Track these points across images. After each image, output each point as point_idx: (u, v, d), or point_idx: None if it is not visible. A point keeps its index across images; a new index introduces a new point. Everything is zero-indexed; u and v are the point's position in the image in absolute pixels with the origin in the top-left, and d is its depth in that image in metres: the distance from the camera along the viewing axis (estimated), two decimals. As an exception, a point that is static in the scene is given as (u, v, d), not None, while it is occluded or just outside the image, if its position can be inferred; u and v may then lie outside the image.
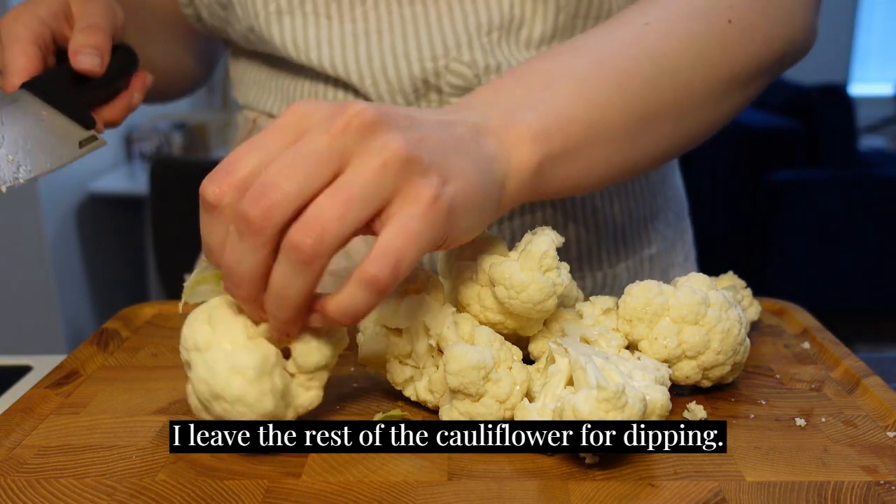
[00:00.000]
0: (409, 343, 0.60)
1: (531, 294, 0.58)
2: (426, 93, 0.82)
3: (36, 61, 0.73)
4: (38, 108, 0.71)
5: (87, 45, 0.73)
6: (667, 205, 0.97)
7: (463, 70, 0.80)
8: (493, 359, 0.57)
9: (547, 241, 0.59)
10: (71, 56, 0.73)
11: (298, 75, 0.88)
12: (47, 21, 0.75)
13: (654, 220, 0.95)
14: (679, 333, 0.60)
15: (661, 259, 0.96)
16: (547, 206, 0.86)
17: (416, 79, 0.81)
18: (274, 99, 0.91)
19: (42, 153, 0.71)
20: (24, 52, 0.72)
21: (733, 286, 0.75)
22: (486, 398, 0.56)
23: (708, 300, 0.61)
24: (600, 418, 0.51)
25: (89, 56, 0.73)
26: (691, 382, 0.62)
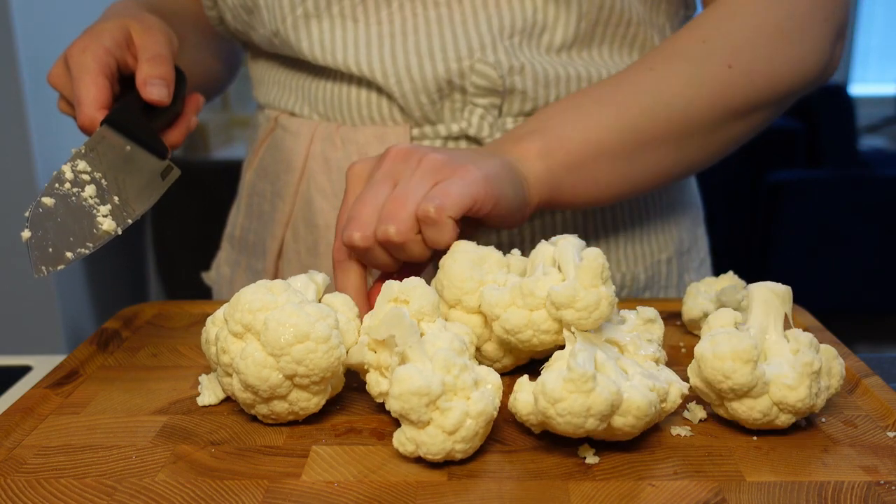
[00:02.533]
0: (388, 355, 0.59)
1: (604, 311, 0.58)
2: (450, 93, 0.83)
3: (107, 92, 0.74)
4: (122, 143, 0.73)
5: (155, 75, 0.75)
6: (683, 211, 0.98)
7: (488, 71, 0.81)
8: (446, 386, 0.53)
9: (599, 251, 0.59)
10: (140, 86, 0.75)
11: (320, 75, 0.88)
12: (112, 51, 0.76)
13: (670, 225, 0.96)
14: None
15: (677, 263, 0.97)
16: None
17: (441, 79, 0.82)
18: (295, 98, 0.91)
19: (138, 190, 0.72)
20: (94, 83, 0.73)
21: (733, 286, 0.75)
22: (430, 427, 0.53)
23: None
24: (563, 398, 0.51)
25: (158, 87, 0.75)
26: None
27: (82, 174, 0.70)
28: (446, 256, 0.67)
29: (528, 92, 0.83)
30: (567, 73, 0.84)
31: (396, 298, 0.62)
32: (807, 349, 0.57)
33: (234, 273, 1.04)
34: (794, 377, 0.56)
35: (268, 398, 0.58)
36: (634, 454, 0.56)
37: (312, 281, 0.65)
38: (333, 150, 0.88)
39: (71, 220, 0.67)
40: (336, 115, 0.88)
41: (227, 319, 0.58)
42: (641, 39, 0.87)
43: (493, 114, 0.84)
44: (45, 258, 0.65)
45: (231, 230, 1.06)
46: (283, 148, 0.93)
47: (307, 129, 0.90)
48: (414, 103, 0.83)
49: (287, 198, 0.92)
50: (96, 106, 0.73)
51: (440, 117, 0.85)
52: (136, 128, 0.73)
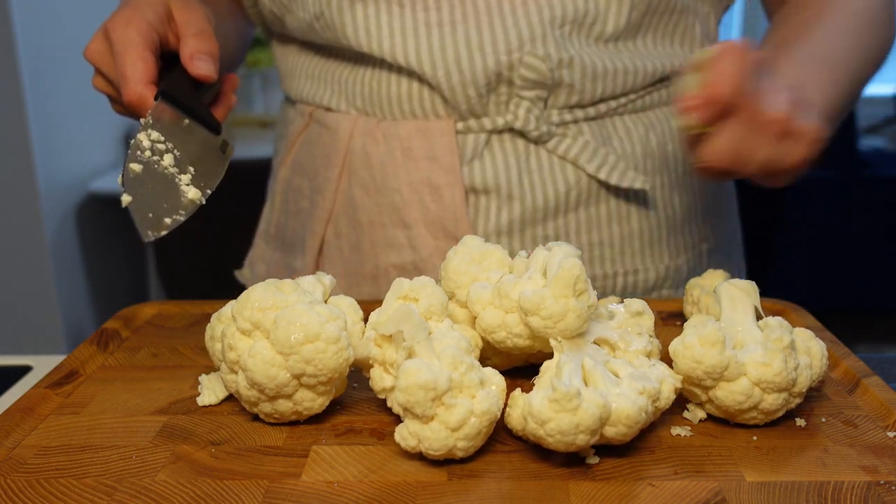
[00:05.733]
0: (394, 351, 0.59)
1: (569, 322, 0.58)
2: (497, 86, 0.82)
3: (153, 67, 0.72)
4: (179, 117, 0.70)
5: (202, 50, 0.73)
6: (721, 201, 0.99)
7: (537, 64, 0.80)
8: (452, 383, 0.54)
9: (577, 263, 0.58)
10: (186, 61, 0.73)
11: (359, 65, 0.87)
12: (155, 25, 0.74)
13: (710, 215, 0.96)
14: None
15: (717, 253, 0.97)
16: (611, 198, 0.87)
17: (490, 72, 0.81)
18: (331, 93, 0.90)
19: (206, 165, 0.70)
20: (141, 57, 0.71)
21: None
22: (434, 422, 0.53)
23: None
24: (550, 418, 0.51)
25: (206, 62, 0.73)
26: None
27: (157, 143, 0.67)
28: (453, 248, 0.68)
29: (575, 85, 0.83)
30: (614, 66, 0.84)
31: (405, 296, 0.62)
32: (776, 327, 0.59)
33: (270, 271, 1.02)
34: (766, 353, 0.57)
35: (273, 397, 0.58)
36: (634, 454, 0.56)
37: (320, 282, 0.65)
38: (374, 145, 0.87)
39: (160, 187, 0.65)
40: (375, 109, 0.87)
41: (235, 316, 0.58)
42: (682, 29, 0.88)
43: (539, 106, 0.83)
44: (148, 222, 0.63)
45: (265, 227, 1.04)
46: (320, 143, 0.91)
47: (346, 125, 0.88)
48: (461, 96, 0.82)
49: (327, 194, 0.91)
50: (144, 81, 0.70)
51: (485, 111, 0.84)
52: (190, 102, 0.71)
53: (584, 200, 0.86)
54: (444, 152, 0.84)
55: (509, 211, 0.85)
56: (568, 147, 0.84)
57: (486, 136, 0.84)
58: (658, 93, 0.90)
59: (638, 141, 0.88)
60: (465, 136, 0.85)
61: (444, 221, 0.85)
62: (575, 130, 0.85)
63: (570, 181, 0.85)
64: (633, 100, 0.88)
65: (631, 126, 0.88)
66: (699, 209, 0.95)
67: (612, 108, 0.86)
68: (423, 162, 0.85)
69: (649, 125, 0.89)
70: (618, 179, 0.85)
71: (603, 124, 0.87)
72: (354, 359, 0.60)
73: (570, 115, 0.85)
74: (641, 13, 0.84)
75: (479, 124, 0.84)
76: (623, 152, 0.87)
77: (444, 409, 0.53)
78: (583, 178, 0.86)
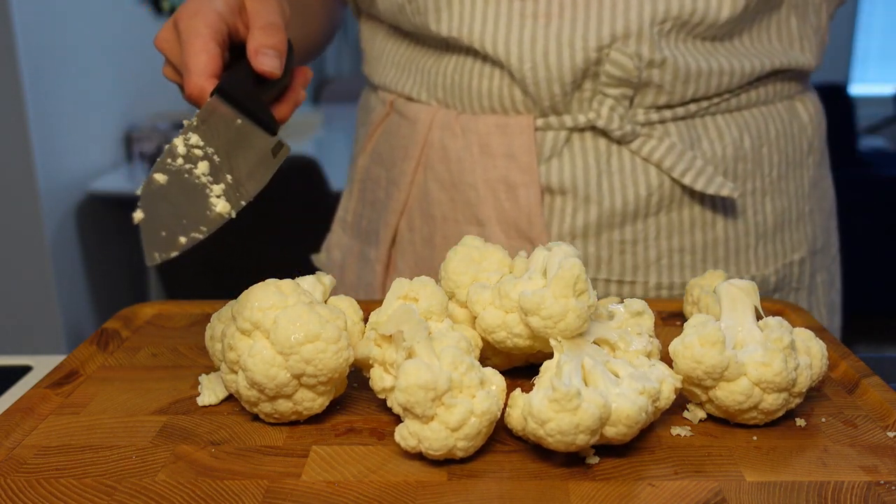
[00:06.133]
0: (394, 351, 0.59)
1: (569, 322, 0.58)
2: (582, 82, 0.80)
3: (217, 59, 0.68)
4: (232, 115, 0.67)
5: (268, 45, 0.69)
6: (818, 205, 0.94)
7: (624, 61, 0.78)
8: (452, 383, 0.54)
9: (577, 263, 0.58)
10: (252, 55, 0.69)
11: (444, 55, 0.86)
12: (225, 16, 0.71)
13: (804, 221, 0.92)
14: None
15: (809, 264, 0.93)
16: (696, 203, 0.84)
17: (577, 68, 0.79)
18: (413, 82, 0.89)
19: (250, 168, 0.65)
20: (205, 49, 0.68)
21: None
22: (434, 422, 0.53)
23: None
24: (550, 418, 0.51)
25: (270, 58, 0.69)
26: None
27: (195, 149, 0.63)
28: (453, 248, 0.68)
29: (665, 86, 0.80)
30: (709, 67, 0.80)
31: (406, 296, 0.62)
32: (776, 327, 0.59)
33: (345, 258, 1.02)
34: (766, 353, 0.57)
35: (273, 397, 0.58)
36: (634, 454, 0.56)
37: (320, 282, 0.65)
38: (453, 139, 0.86)
39: (184, 200, 0.61)
40: (456, 101, 0.86)
41: (235, 316, 0.58)
42: (777, 22, 0.85)
43: (624, 105, 0.80)
44: (158, 243, 0.59)
45: (343, 214, 1.04)
46: (399, 134, 0.91)
47: (425, 116, 0.87)
48: (545, 92, 0.80)
49: (403, 186, 0.90)
50: (206, 74, 0.67)
51: (567, 108, 0.81)
52: (247, 100, 0.67)
53: (667, 205, 0.83)
54: (523, 151, 0.82)
55: (585, 213, 0.83)
56: (653, 149, 0.82)
57: (567, 133, 0.82)
58: (755, 92, 0.86)
59: (730, 143, 0.84)
60: (544, 133, 0.83)
61: (518, 222, 0.84)
62: (661, 131, 0.82)
63: (652, 185, 0.82)
64: (728, 99, 0.84)
65: (723, 126, 0.84)
66: (794, 216, 0.90)
67: (703, 108, 0.83)
68: (500, 159, 0.84)
69: (744, 126, 0.85)
70: (704, 185, 0.82)
71: (693, 124, 0.83)
72: (354, 359, 0.60)
73: (658, 114, 0.82)
74: (753, 6, 0.79)
75: (559, 121, 0.82)
76: (713, 155, 0.84)
77: (444, 409, 0.53)
78: (666, 181, 0.83)
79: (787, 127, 0.89)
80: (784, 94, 0.89)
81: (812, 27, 0.88)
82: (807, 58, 0.87)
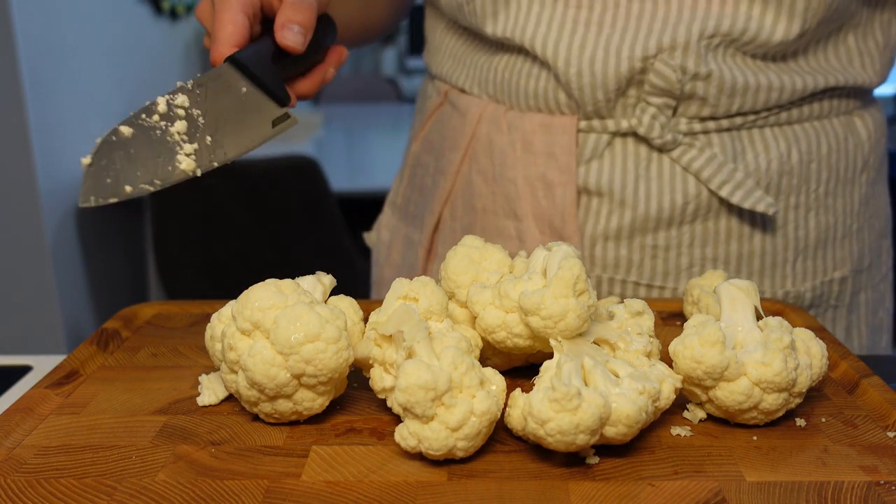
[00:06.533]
0: (394, 351, 0.59)
1: (570, 322, 0.58)
2: (626, 89, 0.80)
3: (243, 30, 0.71)
4: (239, 83, 0.69)
5: (294, 20, 0.71)
6: (868, 223, 0.93)
7: (667, 72, 0.78)
8: (452, 383, 0.54)
9: (577, 263, 0.58)
10: (277, 30, 0.71)
11: (497, 52, 0.87)
12: None
13: (850, 238, 0.90)
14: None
15: (851, 282, 0.91)
16: (733, 215, 0.83)
17: (622, 76, 0.79)
18: (466, 75, 0.90)
19: (238, 134, 0.68)
20: (232, 20, 0.70)
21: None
22: (434, 422, 0.53)
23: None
24: (551, 418, 0.51)
25: (294, 33, 0.71)
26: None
27: (178, 108, 0.66)
28: (453, 248, 0.68)
29: (708, 99, 0.79)
30: (757, 82, 0.80)
31: (406, 296, 0.62)
32: (776, 328, 0.59)
33: (392, 239, 1.04)
34: (766, 353, 0.57)
35: (273, 397, 0.58)
36: (634, 454, 0.56)
37: (320, 282, 0.65)
38: (499, 134, 0.87)
39: (146, 154, 0.64)
40: (505, 98, 0.87)
41: (235, 316, 0.59)
42: (834, 41, 0.83)
43: (667, 114, 0.80)
44: (100, 188, 0.61)
45: (393, 197, 1.06)
46: (449, 125, 0.92)
47: (475, 109, 0.89)
48: (588, 97, 0.81)
49: (449, 176, 0.92)
50: (230, 44, 0.70)
51: (611, 113, 0.82)
52: (260, 71, 0.70)
53: (703, 214, 0.83)
54: (563, 151, 0.83)
55: (620, 217, 0.83)
56: (692, 158, 0.81)
57: (609, 137, 0.83)
58: (808, 107, 0.84)
59: (776, 157, 0.83)
60: (586, 135, 0.83)
61: (553, 219, 0.85)
62: (704, 141, 0.82)
63: (689, 193, 0.82)
64: (777, 113, 0.83)
65: (770, 140, 0.83)
66: (839, 233, 0.88)
67: (749, 121, 0.82)
68: (541, 157, 0.85)
69: (793, 140, 0.84)
70: (741, 199, 0.81)
71: (738, 136, 0.83)
72: (354, 359, 0.61)
73: (701, 125, 0.81)
74: (811, 29, 0.78)
75: (602, 125, 0.82)
76: (756, 168, 0.83)
77: (444, 409, 0.53)
78: (704, 191, 0.82)
79: (842, 143, 0.87)
80: (842, 109, 0.87)
81: (877, 44, 0.86)
82: (868, 75, 0.86)
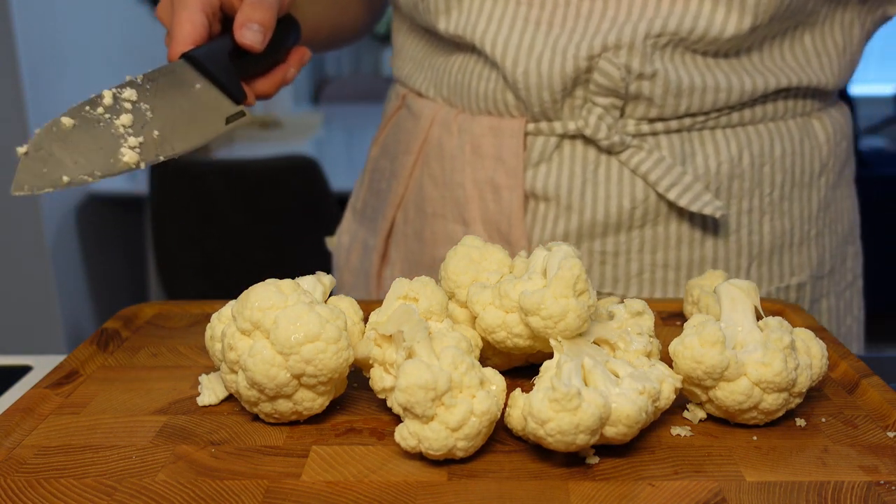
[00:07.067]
0: (394, 351, 0.59)
1: (570, 322, 0.58)
2: (573, 90, 0.80)
3: (201, 29, 0.71)
4: (193, 80, 0.70)
5: (253, 19, 0.72)
6: (829, 227, 0.90)
7: (611, 70, 0.77)
8: (452, 383, 0.54)
9: (577, 263, 0.58)
10: (235, 29, 0.72)
11: (453, 53, 0.86)
12: None
13: (809, 244, 0.88)
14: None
15: (810, 289, 0.89)
16: (684, 220, 0.83)
17: (567, 76, 0.79)
18: (424, 78, 0.91)
19: (188, 129, 0.69)
20: (190, 19, 0.71)
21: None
22: (434, 422, 0.53)
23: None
24: (551, 418, 0.51)
25: (253, 32, 0.72)
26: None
27: (125, 101, 0.66)
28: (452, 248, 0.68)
29: (655, 100, 0.79)
30: (704, 83, 0.78)
31: (406, 296, 0.62)
32: (776, 328, 0.59)
33: (351, 244, 1.04)
34: (767, 353, 0.57)
35: (273, 397, 0.58)
36: (634, 454, 0.56)
37: (320, 282, 0.65)
38: (449, 137, 0.87)
39: (87, 145, 0.63)
40: (458, 100, 0.87)
41: (235, 316, 0.59)
42: (790, 39, 0.82)
43: (614, 115, 0.80)
44: (35, 177, 0.60)
45: (354, 201, 1.07)
46: (404, 128, 0.93)
47: (429, 112, 0.89)
48: (535, 98, 0.80)
49: (402, 180, 0.92)
50: (187, 42, 0.70)
51: (558, 114, 0.81)
52: (215, 68, 0.71)
53: (652, 219, 0.82)
54: (511, 154, 0.83)
55: (567, 222, 0.83)
56: (641, 161, 0.80)
57: (557, 140, 0.82)
58: (762, 108, 0.83)
59: (726, 160, 0.82)
60: (535, 138, 0.83)
61: (500, 223, 0.85)
62: (652, 143, 0.81)
63: (637, 197, 0.81)
64: (728, 114, 0.82)
65: (721, 142, 0.82)
66: (796, 238, 0.87)
67: (699, 122, 0.81)
68: (489, 161, 0.84)
69: (745, 142, 0.83)
70: (689, 202, 0.80)
71: (688, 138, 0.82)
72: (354, 359, 0.61)
73: (649, 126, 0.81)
74: (763, 24, 0.77)
75: (550, 127, 0.82)
76: (706, 171, 0.82)
77: (444, 409, 0.53)
78: (652, 195, 0.81)
79: (797, 146, 0.85)
80: (798, 111, 0.86)
81: (836, 45, 0.84)
82: (825, 76, 0.84)
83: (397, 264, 0.95)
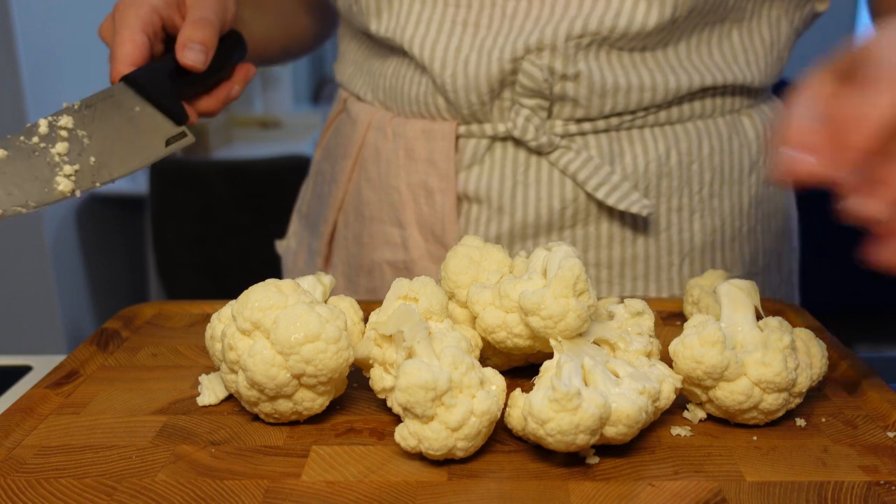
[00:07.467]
0: (394, 351, 0.59)
1: (570, 322, 0.58)
2: (500, 91, 0.80)
3: (142, 50, 0.71)
4: (132, 102, 0.70)
5: (195, 39, 0.72)
6: (762, 224, 0.91)
7: (534, 72, 0.77)
8: (452, 383, 0.54)
9: (577, 263, 0.58)
10: (177, 49, 0.72)
11: (389, 57, 0.87)
12: (159, 9, 0.73)
13: (740, 240, 0.88)
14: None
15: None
16: (614, 219, 0.83)
17: (493, 78, 0.79)
18: (363, 82, 0.91)
19: (126, 153, 0.68)
20: (131, 39, 0.71)
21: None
22: (434, 422, 0.53)
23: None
24: (551, 418, 0.51)
25: (194, 52, 0.72)
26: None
27: (61, 129, 0.67)
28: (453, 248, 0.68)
29: (580, 100, 0.79)
30: (628, 83, 0.79)
31: (406, 296, 0.62)
32: (776, 328, 0.59)
33: (298, 247, 1.05)
34: (767, 354, 0.57)
35: (273, 397, 0.58)
36: (634, 454, 0.56)
37: (319, 282, 0.65)
38: (384, 141, 0.87)
39: (21, 176, 0.64)
40: (392, 104, 0.87)
41: (235, 316, 0.59)
42: (718, 35, 0.81)
43: (541, 116, 0.80)
44: None
45: (300, 205, 1.07)
46: (344, 132, 0.93)
47: (366, 116, 0.89)
48: (464, 100, 0.81)
49: (341, 184, 0.92)
50: (128, 63, 0.71)
51: (487, 117, 0.82)
52: (155, 90, 0.71)
53: (583, 219, 0.83)
54: (443, 157, 0.83)
55: (498, 224, 0.84)
56: (569, 161, 0.81)
57: (489, 142, 0.83)
58: (689, 106, 0.83)
59: (654, 158, 0.82)
60: (466, 141, 0.83)
61: (434, 226, 0.85)
62: (581, 143, 0.81)
63: (567, 198, 0.82)
64: (655, 112, 0.82)
65: (649, 141, 0.82)
66: (727, 235, 0.87)
67: (626, 122, 0.81)
68: (422, 164, 0.85)
69: (672, 141, 0.83)
70: (617, 201, 0.80)
71: (616, 137, 0.82)
72: (354, 359, 0.61)
73: (576, 127, 0.81)
74: (683, 17, 0.77)
75: (480, 130, 0.82)
76: (634, 170, 0.82)
77: (444, 409, 0.53)
78: (581, 195, 0.82)
79: (725, 143, 0.85)
80: (726, 108, 0.86)
81: (763, 42, 0.84)
82: (752, 74, 0.84)
83: (339, 267, 0.96)
